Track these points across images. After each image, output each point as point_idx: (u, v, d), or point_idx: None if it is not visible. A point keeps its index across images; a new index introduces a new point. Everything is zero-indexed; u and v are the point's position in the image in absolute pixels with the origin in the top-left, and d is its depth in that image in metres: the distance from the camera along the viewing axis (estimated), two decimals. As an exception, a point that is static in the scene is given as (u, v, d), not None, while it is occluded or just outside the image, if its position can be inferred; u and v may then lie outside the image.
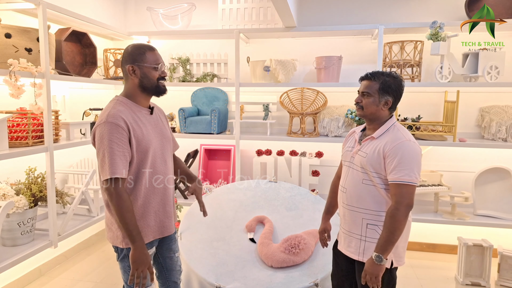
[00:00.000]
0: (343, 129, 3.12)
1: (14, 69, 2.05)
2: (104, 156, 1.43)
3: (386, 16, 3.17)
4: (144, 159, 1.53)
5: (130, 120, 1.49)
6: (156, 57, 1.57)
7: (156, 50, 1.59)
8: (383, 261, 1.47)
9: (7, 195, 2.10)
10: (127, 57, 1.55)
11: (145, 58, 1.53)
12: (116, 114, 1.46)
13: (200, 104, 3.47)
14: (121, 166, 1.43)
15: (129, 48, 1.56)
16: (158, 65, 1.56)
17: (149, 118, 1.61)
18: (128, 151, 1.47)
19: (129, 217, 1.44)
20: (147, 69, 1.54)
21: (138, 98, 1.58)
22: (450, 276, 2.79)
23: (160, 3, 3.48)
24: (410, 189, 1.47)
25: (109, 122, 1.44)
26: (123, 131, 1.45)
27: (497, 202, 2.89)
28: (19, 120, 2.20)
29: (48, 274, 2.79)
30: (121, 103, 1.53)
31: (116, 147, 1.43)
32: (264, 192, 2.77)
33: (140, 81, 1.54)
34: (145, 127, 1.55)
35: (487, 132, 2.97)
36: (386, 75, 1.60)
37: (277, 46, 3.37)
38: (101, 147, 1.44)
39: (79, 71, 2.86)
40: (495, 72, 2.78)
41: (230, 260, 2.19)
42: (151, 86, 1.56)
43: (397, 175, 1.47)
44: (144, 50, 1.54)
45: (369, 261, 1.51)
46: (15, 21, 2.44)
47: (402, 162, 1.47)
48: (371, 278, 1.49)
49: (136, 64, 1.53)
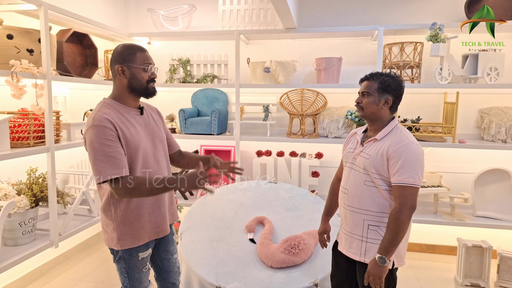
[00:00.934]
0: (343, 130, 3.13)
1: (16, 70, 2.06)
2: (97, 160, 1.40)
3: (386, 17, 3.18)
4: (135, 160, 1.51)
5: (117, 121, 1.47)
6: (146, 58, 1.53)
7: (146, 51, 1.56)
8: (386, 263, 1.47)
9: (9, 195, 2.11)
10: (116, 57, 1.51)
11: (135, 58, 1.50)
12: (101, 116, 1.43)
13: (200, 105, 3.49)
14: (120, 164, 1.42)
15: (118, 48, 1.53)
16: (148, 67, 1.53)
17: (139, 118, 1.58)
18: (121, 148, 1.45)
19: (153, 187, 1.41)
20: (136, 70, 1.50)
21: (126, 99, 1.55)
22: (449, 277, 2.80)
23: (161, 5, 3.49)
24: (413, 191, 1.48)
25: (95, 125, 1.41)
26: (111, 131, 1.43)
27: (496, 203, 2.90)
28: (21, 121, 2.21)
29: (49, 274, 2.80)
30: (108, 105, 1.51)
31: (108, 148, 1.41)
32: (264, 192, 2.78)
33: (129, 82, 1.51)
34: (133, 128, 1.53)
35: (487, 133, 2.98)
36: (385, 75, 1.62)
37: (277, 47, 3.38)
38: (92, 151, 1.41)
39: (80, 72, 2.87)
40: (494, 74, 2.78)
41: (230, 260, 2.19)
42: (140, 88, 1.53)
43: (401, 177, 1.47)
44: (135, 51, 1.51)
45: (372, 263, 1.51)
46: (17, 22, 2.45)
47: (406, 164, 1.48)
48: (374, 279, 1.50)
49: (125, 65, 1.50)
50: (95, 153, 1.41)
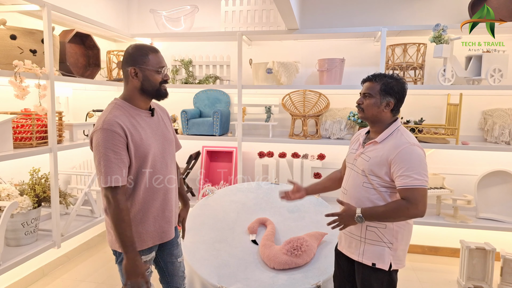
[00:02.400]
0: (345, 131, 3.12)
1: (19, 70, 2.06)
2: (99, 164, 1.40)
3: (389, 18, 3.17)
4: (143, 164, 1.50)
5: (128, 125, 1.45)
6: (159, 60, 1.51)
7: (159, 52, 1.54)
8: (361, 222, 1.52)
9: (11, 196, 2.12)
10: (128, 58, 1.49)
11: (147, 60, 1.48)
12: (112, 120, 1.42)
13: (202, 106, 3.49)
14: (119, 173, 1.41)
15: (130, 49, 1.50)
16: (162, 69, 1.51)
17: (149, 120, 1.56)
18: (126, 157, 1.44)
19: (123, 227, 1.42)
20: (149, 72, 1.48)
21: (137, 101, 1.53)
22: (452, 279, 2.78)
23: (163, 5, 3.50)
24: (421, 192, 1.46)
25: (105, 129, 1.40)
26: (120, 137, 1.41)
27: (500, 206, 2.88)
28: (24, 121, 2.21)
29: (51, 274, 2.80)
30: (119, 107, 1.49)
31: (112, 154, 1.40)
32: (266, 194, 2.77)
33: (142, 84, 1.49)
34: (144, 131, 1.51)
35: (490, 135, 2.96)
36: (388, 76, 1.60)
37: (280, 48, 3.38)
38: (97, 154, 1.41)
39: (82, 73, 2.87)
40: (498, 75, 2.77)
41: (232, 261, 2.19)
42: (153, 90, 1.51)
43: (406, 180, 1.46)
44: (147, 52, 1.49)
45: (350, 211, 1.53)
46: (20, 23, 2.46)
47: (410, 167, 1.46)
48: (340, 222, 1.55)
49: (138, 67, 1.47)
50: (99, 157, 1.41)
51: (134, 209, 1.52)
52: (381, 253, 1.55)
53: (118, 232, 1.42)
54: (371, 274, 1.57)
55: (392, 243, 1.55)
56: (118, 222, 1.42)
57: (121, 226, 1.42)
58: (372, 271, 1.57)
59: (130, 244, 1.43)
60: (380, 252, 1.55)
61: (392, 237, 1.55)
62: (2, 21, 2.16)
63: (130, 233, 1.44)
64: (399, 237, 1.56)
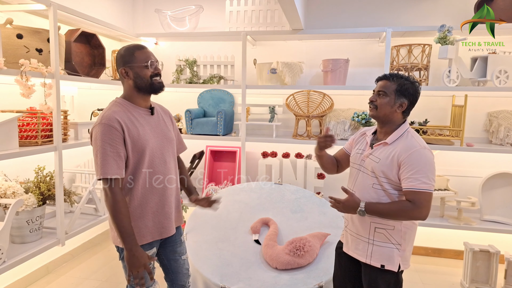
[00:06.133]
0: (349, 132, 3.12)
1: (25, 69, 2.08)
2: (97, 157, 1.45)
3: (393, 19, 3.16)
4: (141, 159, 1.53)
5: (126, 120, 1.50)
6: (146, 55, 1.55)
7: (145, 48, 1.57)
8: (362, 215, 1.54)
9: (17, 193, 2.14)
10: (119, 60, 1.55)
11: (134, 58, 1.53)
12: (110, 115, 1.48)
13: (206, 105, 3.49)
14: (114, 166, 1.44)
15: (121, 51, 1.56)
16: (148, 63, 1.54)
17: (149, 118, 1.60)
18: (123, 151, 1.48)
19: (121, 218, 1.45)
20: (138, 68, 1.53)
21: (136, 99, 1.58)
22: (455, 281, 2.77)
23: (168, 5, 3.51)
24: (427, 196, 1.47)
25: (103, 123, 1.46)
26: (117, 131, 1.46)
27: (504, 208, 2.87)
28: (29, 120, 2.23)
29: (55, 271, 2.82)
30: (119, 104, 1.55)
31: (109, 147, 1.44)
32: (269, 194, 2.78)
33: (134, 82, 1.54)
34: (142, 127, 1.55)
35: (495, 137, 2.94)
36: (404, 78, 1.59)
37: (284, 49, 3.38)
38: (95, 147, 1.46)
39: (87, 72, 2.89)
40: (504, 77, 2.76)
41: (235, 261, 2.19)
42: (146, 85, 1.55)
43: (414, 183, 1.46)
44: (133, 51, 1.54)
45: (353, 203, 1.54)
46: (26, 22, 2.48)
47: (419, 170, 1.46)
48: (340, 209, 1.57)
49: (127, 66, 1.53)
50: (97, 150, 1.46)
51: (133, 204, 1.55)
52: (390, 254, 1.55)
53: (116, 223, 1.45)
54: (379, 276, 1.57)
55: (400, 244, 1.55)
56: (116, 213, 1.45)
57: (119, 217, 1.45)
58: (380, 273, 1.57)
59: (128, 235, 1.46)
60: (389, 254, 1.55)
61: (401, 238, 1.55)
62: (9, 20, 2.18)
63: (128, 224, 1.46)
64: (407, 238, 1.56)
